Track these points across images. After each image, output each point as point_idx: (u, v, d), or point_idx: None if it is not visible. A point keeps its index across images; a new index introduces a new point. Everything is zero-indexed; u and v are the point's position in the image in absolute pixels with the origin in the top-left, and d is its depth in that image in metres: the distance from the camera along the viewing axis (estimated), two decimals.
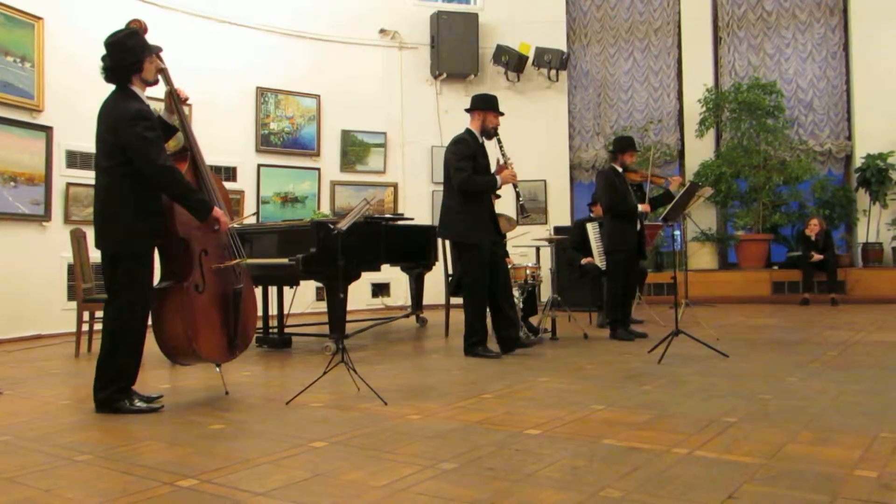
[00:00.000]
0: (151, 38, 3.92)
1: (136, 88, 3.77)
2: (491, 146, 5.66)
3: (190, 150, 4.06)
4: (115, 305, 3.72)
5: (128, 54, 3.73)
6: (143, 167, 3.63)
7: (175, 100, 3.97)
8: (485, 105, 5.65)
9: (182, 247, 3.94)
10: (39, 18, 7.59)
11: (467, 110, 5.75)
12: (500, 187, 5.62)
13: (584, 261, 7.59)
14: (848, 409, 3.37)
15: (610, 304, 6.61)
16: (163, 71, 3.95)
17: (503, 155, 5.61)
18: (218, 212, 3.88)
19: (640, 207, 6.33)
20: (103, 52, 3.76)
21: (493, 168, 5.67)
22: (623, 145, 6.51)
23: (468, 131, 5.66)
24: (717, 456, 2.63)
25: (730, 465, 2.51)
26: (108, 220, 3.72)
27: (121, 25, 4.06)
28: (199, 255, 3.95)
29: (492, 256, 5.54)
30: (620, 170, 6.43)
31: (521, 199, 5.66)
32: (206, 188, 4.06)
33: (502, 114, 5.72)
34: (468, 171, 5.46)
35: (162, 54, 3.96)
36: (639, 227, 6.40)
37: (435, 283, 8.10)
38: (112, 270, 3.72)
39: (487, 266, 5.50)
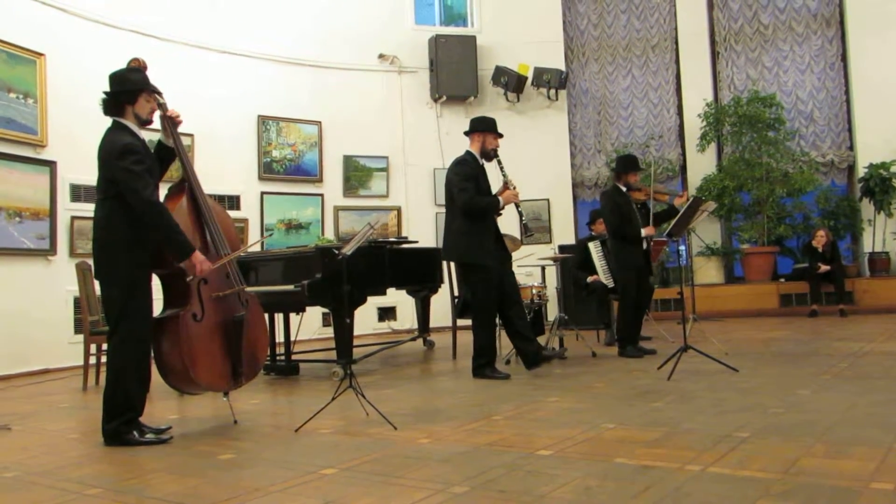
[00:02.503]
0: (152, 70, 3.98)
1: (129, 123, 3.81)
2: (491, 168, 5.67)
3: (188, 182, 4.09)
4: (117, 337, 3.73)
5: (124, 84, 3.80)
6: (130, 199, 3.66)
7: (173, 129, 4.00)
8: (483, 127, 5.67)
9: (180, 276, 3.93)
10: (41, 55, 7.66)
11: (466, 133, 5.77)
12: (502, 208, 5.62)
13: (590, 278, 7.57)
14: (861, 421, 3.34)
15: (621, 324, 6.55)
16: (161, 106, 3.99)
17: (504, 176, 5.61)
18: (198, 258, 3.80)
19: (644, 231, 6.28)
20: (106, 86, 3.83)
21: (494, 190, 5.67)
22: (626, 165, 6.50)
23: (468, 153, 5.68)
24: (730, 472, 2.61)
25: (744, 481, 2.49)
26: (104, 251, 3.74)
27: (121, 59, 4.13)
28: (198, 283, 3.95)
29: (500, 275, 5.54)
30: (624, 189, 6.43)
31: (523, 218, 5.66)
32: (206, 221, 4.08)
33: (501, 135, 5.73)
34: (471, 191, 5.46)
35: (163, 85, 4.00)
36: (644, 245, 6.36)
37: (441, 305, 8.09)
38: (111, 301, 3.74)
39: (496, 286, 5.49)
